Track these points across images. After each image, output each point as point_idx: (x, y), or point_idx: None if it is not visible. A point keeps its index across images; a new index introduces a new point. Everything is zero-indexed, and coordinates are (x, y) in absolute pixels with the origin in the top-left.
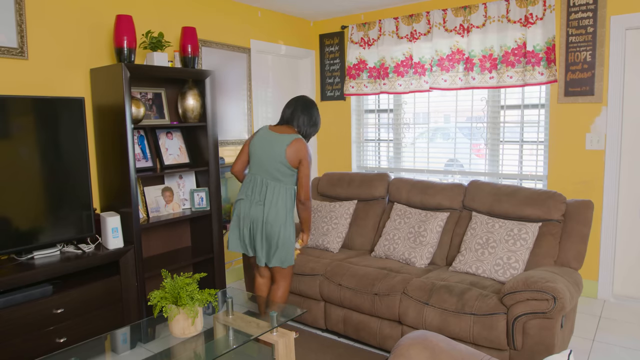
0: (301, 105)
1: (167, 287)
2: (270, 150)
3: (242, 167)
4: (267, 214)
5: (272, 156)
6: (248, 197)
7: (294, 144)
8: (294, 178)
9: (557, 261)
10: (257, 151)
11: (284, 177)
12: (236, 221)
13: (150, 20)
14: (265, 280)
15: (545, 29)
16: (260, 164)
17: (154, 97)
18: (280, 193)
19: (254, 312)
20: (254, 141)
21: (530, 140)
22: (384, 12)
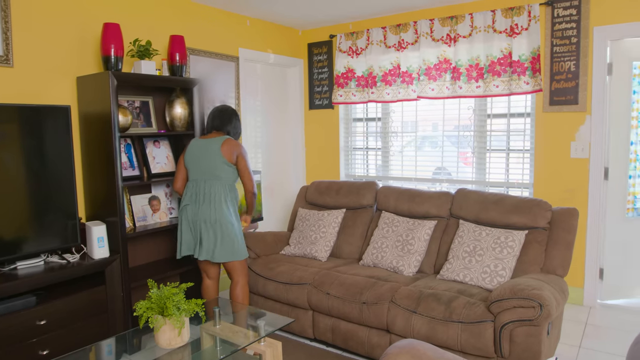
0: (228, 115)
1: (154, 298)
2: (205, 153)
3: (184, 183)
4: (214, 211)
5: (209, 157)
6: (193, 201)
7: (227, 142)
8: (233, 174)
9: (543, 268)
10: (193, 159)
11: (223, 174)
12: (186, 225)
13: (138, 28)
14: (213, 282)
15: (530, 39)
16: (198, 168)
17: (142, 106)
18: (222, 189)
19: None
20: (187, 154)
21: (517, 149)
22: (371, 21)
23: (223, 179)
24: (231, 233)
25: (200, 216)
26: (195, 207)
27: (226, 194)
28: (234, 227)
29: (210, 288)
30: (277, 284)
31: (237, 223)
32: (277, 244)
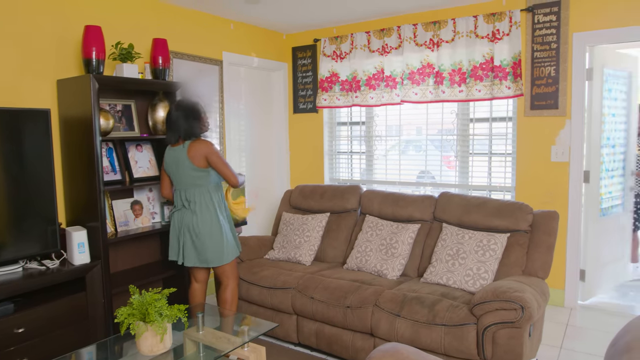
0: (171, 120)
1: (135, 304)
2: (177, 163)
3: (169, 190)
4: (196, 218)
5: (181, 167)
6: (179, 207)
7: (192, 147)
8: (210, 177)
9: (524, 271)
10: (170, 170)
11: (199, 180)
12: (173, 231)
13: (120, 31)
14: (200, 285)
15: (512, 45)
16: (177, 179)
17: (124, 109)
18: (203, 195)
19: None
20: (165, 164)
21: (499, 153)
22: (355, 26)
23: (202, 185)
24: (216, 237)
25: (184, 223)
26: (180, 214)
27: (209, 198)
28: (221, 231)
29: (197, 292)
30: (261, 288)
31: (225, 224)
32: (261, 248)
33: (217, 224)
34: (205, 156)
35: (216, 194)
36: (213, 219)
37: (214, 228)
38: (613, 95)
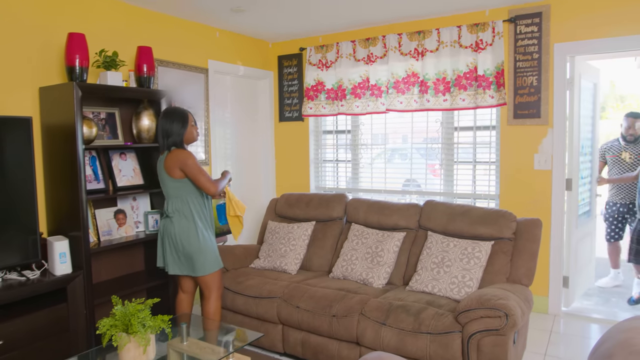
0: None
1: (118, 315)
2: (160, 173)
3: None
4: (174, 228)
5: (161, 178)
6: (163, 216)
7: (168, 158)
8: (188, 187)
9: (509, 278)
10: (159, 179)
11: (176, 191)
12: (159, 238)
13: (104, 38)
14: (187, 296)
15: (495, 55)
16: (162, 188)
17: (107, 117)
18: (182, 205)
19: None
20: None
21: (483, 161)
22: (341, 35)
23: (181, 196)
24: (194, 247)
25: (165, 231)
26: (163, 222)
27: (187, 209)
28: (198, 240)
29: (183, 302)
30: (246, 298)
31: (206, 235)
32: (246, 257)
33: (194, 234)
34: (180, 167)
35: (196, 204)
36: (191, 228)
37: (192, 238)
38: (583, 105)
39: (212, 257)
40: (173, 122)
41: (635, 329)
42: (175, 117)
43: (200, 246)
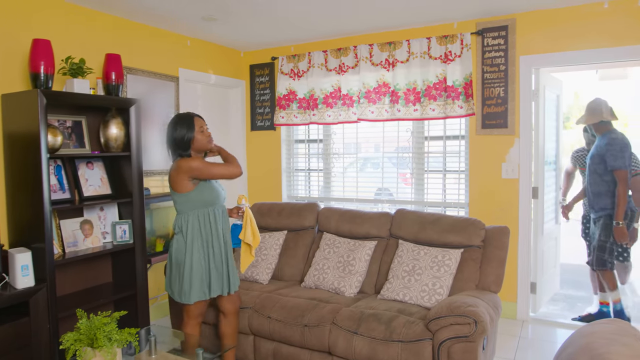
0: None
1: (82, 328)
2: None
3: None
4: (172, 245)
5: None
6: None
7: (172, 169)
8: (189, 203)
9: (478, 285)
10: None
11: (179, 206)
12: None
13: (71, 45)
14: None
15: (463, 66)
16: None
17: (74, 126)
18: (181, 223)
19: (180, 350)
20: None
21: (453, 170)
22: (313, 45)
23: (183, 211)
24: (180, 269)
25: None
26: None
27: (185, 226)
28: (184, 264)
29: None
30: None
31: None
32: None
33: (183, 254)
34: (190, 176)
35: (199, 221)
36: (180, 248)
37: (179, 258)
38: (548, 116)
39: (196, 284)
40: (176, 129)
41: (596, 334)
42: (179, 124)
43: (187, 271)
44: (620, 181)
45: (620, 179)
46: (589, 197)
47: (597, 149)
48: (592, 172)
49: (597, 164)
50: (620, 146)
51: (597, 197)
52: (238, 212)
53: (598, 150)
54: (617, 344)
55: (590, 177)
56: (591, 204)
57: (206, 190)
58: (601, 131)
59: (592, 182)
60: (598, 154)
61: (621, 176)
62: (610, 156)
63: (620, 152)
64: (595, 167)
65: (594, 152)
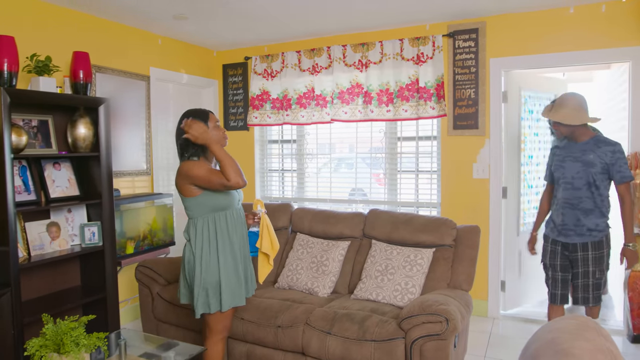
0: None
1: (49, 334)
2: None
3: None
4: (184, 253)
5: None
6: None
7: (177, 173)
8: (198, 208)
9: (449, 284)
10: None
11: (188, 212)
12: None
13: (37, 42)
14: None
15: (435, 68)
16: None
17: (40, 125)
18: (191, 229)
19: (151, 353)
20: None
21: (425, 170)
22: (286, 45)
23: (193, 216)
24: (191, 279)
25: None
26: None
27: (194, 232)
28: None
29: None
30: (188, 311)
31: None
32: None
33: (192, 263)
34: (189, 182)
35: (209, 226)
36: (189, 256)
37: (189, 267)
38: (535, 116)
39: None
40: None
41: (560, 329)
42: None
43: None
44: (627, 194)
45: (627, 191)
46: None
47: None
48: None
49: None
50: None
51: (584, 216)
52: (254, 219)
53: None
54: (580, 339)
55: (573, 192)
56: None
57: (217, 193)
58: (585, 136)
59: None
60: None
61: (628, 188)
62: (619, 166)
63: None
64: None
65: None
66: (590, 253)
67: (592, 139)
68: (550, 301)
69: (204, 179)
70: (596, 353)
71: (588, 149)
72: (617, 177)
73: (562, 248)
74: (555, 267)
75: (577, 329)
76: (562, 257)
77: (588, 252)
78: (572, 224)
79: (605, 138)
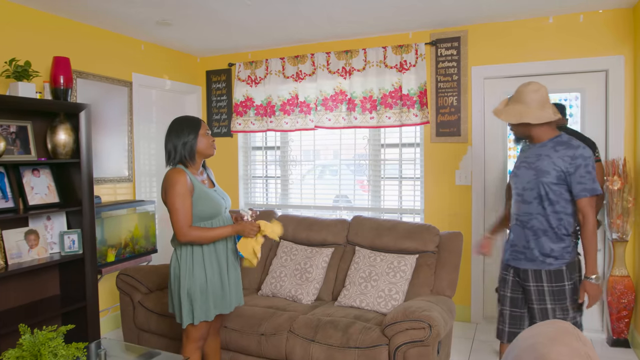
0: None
1: (25, 345)
2: None
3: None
4: (171, 260)
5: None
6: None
7: (164, 180)
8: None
9: (433, 290)
10: None
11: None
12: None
13: (16, 47)
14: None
15: (418, 75)
16: None
17: (18, 131)
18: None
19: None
20: None
21: (408, 177)
22: (270, 52)
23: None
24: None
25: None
26: None
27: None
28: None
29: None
30: (171, 320)
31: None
32: None
33: (177, 270)
34: (165, 190)
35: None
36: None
37: (177, 273)
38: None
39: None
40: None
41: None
42: (185, 125)
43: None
44: (591, 212)
45: (591, 208)
46: (513, 237)
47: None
48: (527, 198)
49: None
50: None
51: (535, 237)
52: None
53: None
54: (559, 344)
55: (522, 207)
56: (518, 248)
57: (201, 202)
58: (546, 136)
59: (525, 213)
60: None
61: (591, 204)
62: (580, 176)
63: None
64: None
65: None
66: (545, 285)
67: (552, 141)
68: (496, 336)
69: (171, 204)
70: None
71: (544, 154)
72: (575, 189)
73: (514, 274)
74: (505, 300)
75: (556, 334)
76: (513, 286)
77: (542, 283)
78: (521, 246)
79: (568, 139)
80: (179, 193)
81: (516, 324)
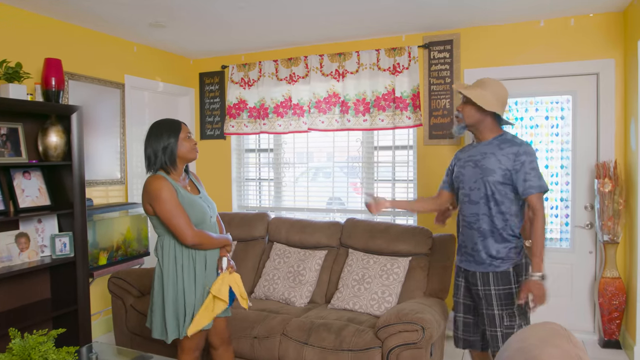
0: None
1: (15, 349)
2: None
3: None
4: (155, 271)
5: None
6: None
7: (143, 188)
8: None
9: (426, 292)
10: None
11: (157, 229)
12: None
13: (6, 49)
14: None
15: (411, 78)
16: None
17: (9, 133)
18: (158, 247)
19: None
20: None
21: (401, 179)
22: (264, 54)
23: (160, 234)
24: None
25: None
26: None
27: (161, 252)
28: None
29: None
30: None
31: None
32: None
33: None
34: (150, 202)
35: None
36: (157, 274)
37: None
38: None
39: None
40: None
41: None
42: (165, 129)
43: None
44: (539, 208)
45: (540, 203)
46: (462, 238)
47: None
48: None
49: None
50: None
51: (482, 239)
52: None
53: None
54: (550, 346)
55: (469, 207)
56: (467, 250)
57: (185, 209)
58: (491, 133)
59: (472, 214)
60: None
61: (540, 200)
62: (525, 174)
63: (537, 166)
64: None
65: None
66: (492, 288)
67: (497, 139)
68: (454, 343)
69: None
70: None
71: (489, 152)
72: (521, 187)
73: (465, 279)
74: (458, 306)
75: (547, 336)
76: (465, 292)
77: (490, 286)
78: (470, 248)
79: (512, 137)
80: (167, 199)
81: (469, 330)
